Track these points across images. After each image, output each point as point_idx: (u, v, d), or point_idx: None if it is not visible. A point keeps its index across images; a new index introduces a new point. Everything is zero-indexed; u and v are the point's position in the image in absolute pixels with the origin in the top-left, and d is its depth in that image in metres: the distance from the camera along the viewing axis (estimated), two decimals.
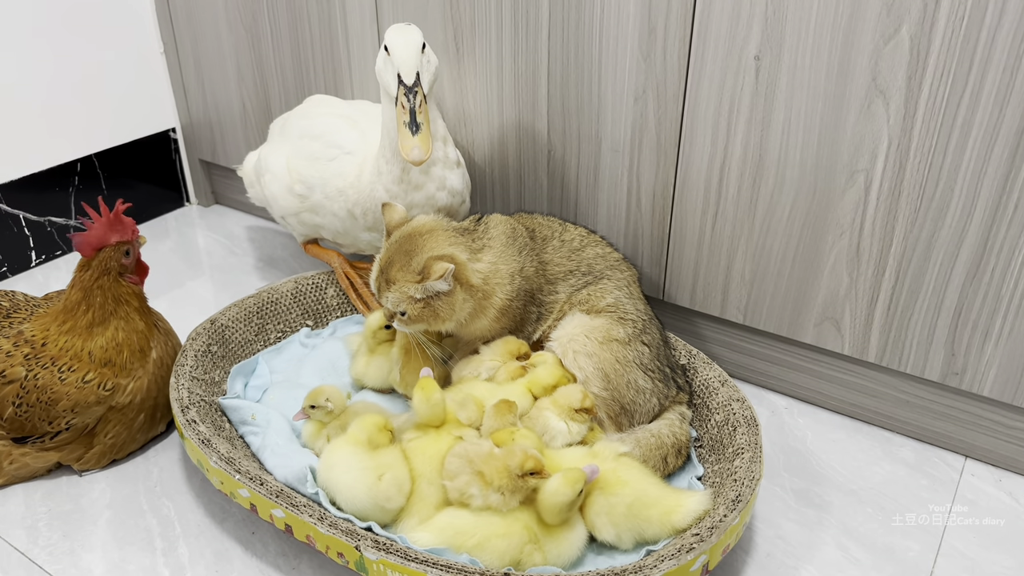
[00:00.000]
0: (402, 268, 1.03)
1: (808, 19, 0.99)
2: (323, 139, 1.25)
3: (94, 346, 1.06)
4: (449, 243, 1.05)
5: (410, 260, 1.03)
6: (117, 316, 1.07)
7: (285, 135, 1.33)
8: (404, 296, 1.02)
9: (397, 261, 1.04)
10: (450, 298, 1.03)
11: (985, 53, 0.91)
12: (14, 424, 1.04)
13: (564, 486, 0.88)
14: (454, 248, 1.05)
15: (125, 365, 1.07)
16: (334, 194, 1.23)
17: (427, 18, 1.29)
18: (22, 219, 1.56)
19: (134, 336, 1.08)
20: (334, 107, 1.32)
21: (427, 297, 1.02)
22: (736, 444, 1.01)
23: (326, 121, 1.27)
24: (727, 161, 1.12)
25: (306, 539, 0.91)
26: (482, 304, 1.07)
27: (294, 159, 1.27)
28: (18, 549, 0.99)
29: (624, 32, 1.12)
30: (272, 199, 1.33)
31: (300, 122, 1.31)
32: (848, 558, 0.99)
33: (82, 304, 1.06)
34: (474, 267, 1.05)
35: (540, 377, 1.05)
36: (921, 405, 1.15)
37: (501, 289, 1.07)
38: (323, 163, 1.24)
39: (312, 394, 1.05)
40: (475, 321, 1.08)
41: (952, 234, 1.01)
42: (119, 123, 1.67)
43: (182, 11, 1.61)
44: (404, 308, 1.03)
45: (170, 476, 1.10)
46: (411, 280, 1.02)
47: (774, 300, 1.17)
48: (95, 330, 1.06)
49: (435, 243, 1.05)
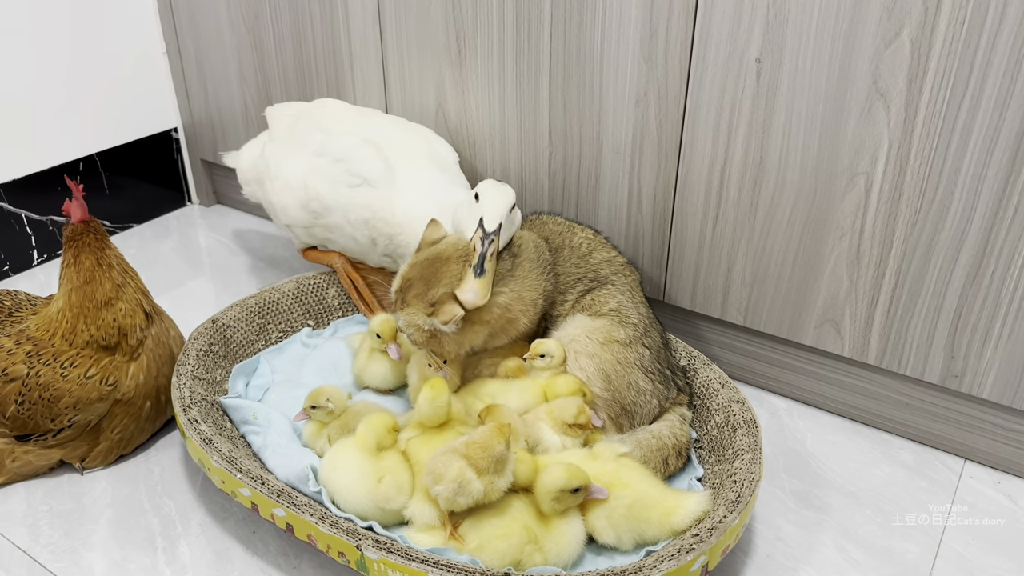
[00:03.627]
0: (418, 296, 1.02)
1: (809, 22, 0.99)
2: (345, 164, 1.23)
3: (117, 310, 1.07)
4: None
5: (427, 289, 1.02)
6: (129, 275, 1.09)
7: (297, 143, 1.30)
8: (413, 323, 1.02)
9: (415, 286, 1.03)
10: (459, 336, 1.02)
11: (986, 57, 0.91)
12: (16, 422, 1.04)
13: (562, 472, 0.89)
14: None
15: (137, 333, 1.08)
16: (357, 222, 1.23)
17: (429, 19, 1.29)
18: (24, 218, 1.56)
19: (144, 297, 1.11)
20: (352, 122, 1.30)
21: (434, 330, 1.02)
22: (736, 445, 1.01)
23: (349, 144, 1.24)
24: (728, 163, 1.12)
25: (307, 538, 0.92)
26: (505, 328, 1.07)
27: (312, 177, 1.25)
28: (20, 547, 0.99)
29: (626, 34, 1.12)
30: (280, 208, 1.31)
31: (316, 136, 1.27)
32: (847, 560, 0.99)
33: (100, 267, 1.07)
34: (494, 300, 1.04)
35: (558, 387, 1.05)
36: (921, 407, 1.15)
37: (525, 315, 1.07)
38: (345, 188, 1.23)
39: (313, 394, 1.05)
40: (494, 341, 1.08)
41: (952, 237, 1.01)
42: (121, 123, 1.67)
43: (184, 11, 1.61)
44: (411, 333, 1.03)
45: (171, 475, 1.10)
46: (423, 310, 1.01)
47: (774, 302, 1.17)
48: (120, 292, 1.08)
49: (454, 276, 1.03)
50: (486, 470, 0.89)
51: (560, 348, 1.07)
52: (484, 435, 0.91)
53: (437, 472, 0.89)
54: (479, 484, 0.88)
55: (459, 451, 0.90)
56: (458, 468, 0.88)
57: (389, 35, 1.36)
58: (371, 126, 1.29)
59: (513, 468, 0.92)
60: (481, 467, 0.89)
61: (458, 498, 0.88)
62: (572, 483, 0.89)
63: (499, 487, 0.90)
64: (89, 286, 1.06)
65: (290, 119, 1.33)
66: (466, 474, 0.88)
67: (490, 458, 0.89)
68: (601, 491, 0.92)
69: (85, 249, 1.07)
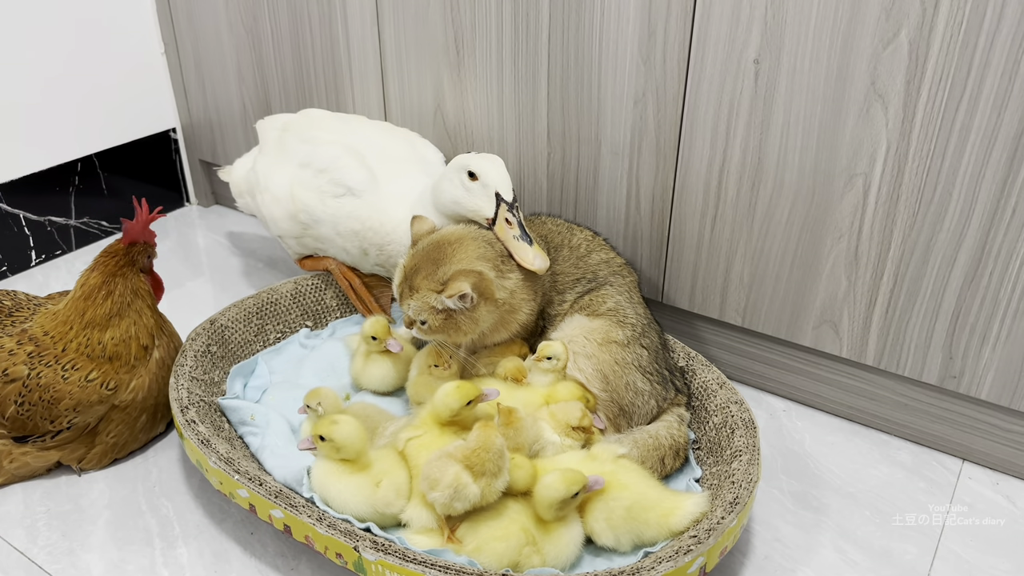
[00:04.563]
0: (427, 277, 1.02)
1: (807, 23, 0.99)
2: (329, 174, 1.24)
3: (106, 337, 1.06)
4: (477, 256, 1.04)
5: (436, 269, 1.02)
6: (132, 309, 1.08)
7: (284, 155, 1.30)
8: (426, 306, 1.01)
9: (423, 269, 1.03)
10: (473, 313, 1.02)
11: (984, 57, 0.91)
12: (15, 423, 1.04)
13: (560, 483, 0.89)
14: (481, 262, 1.04)
15: (131, 361, 1.07)
16: (347, 234, 1.24)
17: (427, 20, 1.29)
18: (22, 218, 1.56)
19: (144, 331, 1.09)
20: (335, 131, 1.30)
21: (449, 310, 1.01)
22: (734, 446, 1.01)
23: (332, 154, 1.25)
24: (726, 164, 1.12)
25: (305, 540, 0.92)
26: (506, 319, 1.07)
27: (298, 188, 1.27)
28: (17, 548, 0.99)
29: (624, 35, 1.12)
30: (271, 220, 1.32)
31: (301, 147, 1.28)
32: (845, 560, 0.99)
33: (102, 290, 1.07)
34: (501, 283, 1.04)
35: (560, 394, 1.05)
36: (919, 408, 1.15)
37: (527, 304, 1.07)
38: (331, 199, 1.24)
39: (310, 394, 1.06)
40: (495, 334, 1.08)
41: (950, 238, 1.01)
42: (119, 123, 1.67)
43: (183, 11, 1.61)
44: (425, 318, 1.02)
45: (169, 476, 1.10)
46: (435, 290, 1.01)
47: (772, 303, 1.17)
48: (111, 320, 1.07)
49: (464, 255, 1.03)
50: (487, 472, 0.89)
51: (566, 351, 1.07)
52: (480, 437, 0.90)
53: (432, 477, 0.89)
54: (475, 488, 0.88)
55: (454, 456, 0.90)
56: (453, 473, 0.88)
57: (387, 37, 1.36)
58: (355, 133, 1.30)
59: (509, 469, 0.91)
60: (483, 470, 0.89)
61: (455, 503, 0.88)
62: (572, 490, 0.89)
63: (496, 488, 0.90)
64: (85, 303, 1.06)
65: (277, 132, 1.34)
66: (462, 479, 0.88)
67: (495, 456, 0.89)
68: (598, 481, 0.92)
69: (101, 268, 1.07)
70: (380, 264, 1.27)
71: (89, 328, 1.06)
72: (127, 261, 1.09)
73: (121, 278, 1.08)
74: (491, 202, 1.09)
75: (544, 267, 1.05)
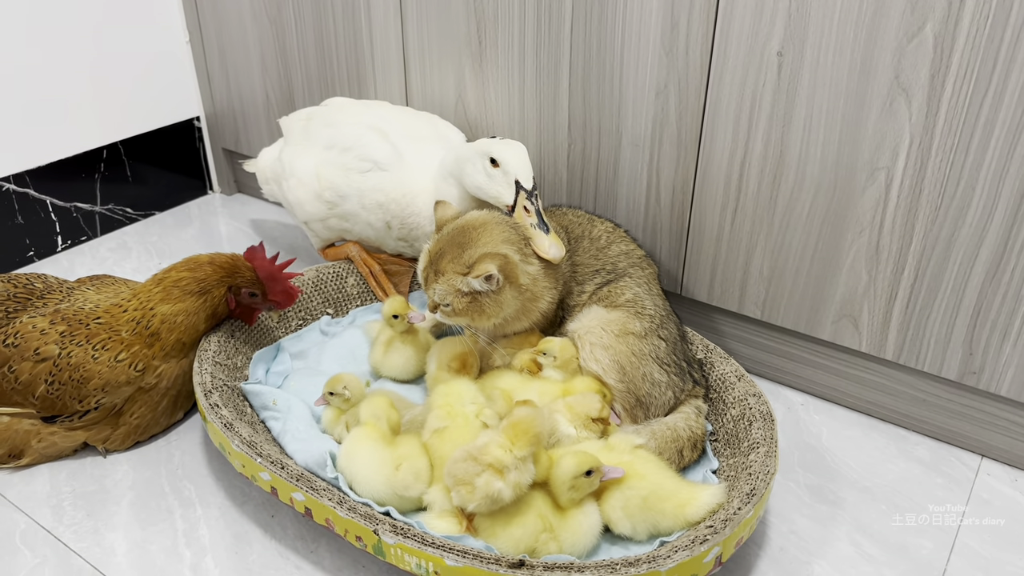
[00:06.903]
0: (453, 260, 1.03)
1: (831, 16, 0.99)
2: (355, 151, 1.27)
3: (162, 309, 1.09)
4: (503, 240, 1.05)
5: (462, 253, 1.03)
6: (197, 302, 1.11)
7: (309, 141, 1.33)
8: (452, 289, 1.03)
9: (448, 253, 1.04)
10: (498, 296, 1.03)
11: (1010, 52, 0.91)
12: (45, 402, 1.06)
13: (571, 459, 0.90)
14: (507, 245, 1.05)
15: (167, 347, 1.09)
16: (372, 207, 1.27)
17: (450, 10, 1.30)
18: (49, 205, 1.58)
19: (190, 330, 1.11)
20: (358, 114, 1.33)
21: (475, 292, 1.02)
22: (751, 439, 1.01)
23: (356, 132, 1.28)
24: (747, 157, 1.12)
25: (325, 523, 0.93)
26: (527, 307, 1.08)
27: (324, 167, 1.29)
28: (44, 527, 1.01)
29: (647, 26, 1.12)
30: (297, 204, 1.34)
31: (325, 131, 1.31)
32: (861, 554, 0.99)
33: (196, 271, 1.11)
34: (524, 268, 1.05)
35: (577, 387, 1.05)
36: (938, 404, 1.15)
37: (548, 293, 1.08)
38: (356, 175, 1.26)
39: (331, 381, 1.07)
40: (516, 322, 1.09)
41: (972, 233, 1.01)
42: (144, 111, 1.69)
43: (207, 1, 1.62)
44: (450, 301, 1.03)
45: (192, 459, 1.12)
46: (461, 273, 1.02)
47: (792, 296, 1.17)
48: (174, 295, 1.10)
49: (489, 238, 1.04)
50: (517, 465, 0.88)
51: (565, 350, 1.08)
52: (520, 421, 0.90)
53: (458, 477, 0.89)
54: (508, 492, 0.88)
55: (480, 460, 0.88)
56: (485, 481, 0.88)
57: (410, 26, 1.37)
58: (377, 115, 1.32)
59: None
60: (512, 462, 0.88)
61: (491, 507, 0.89)
62: (583, 467, 0.90)
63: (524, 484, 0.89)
64: (163, 291, 1.10)
65: (302, 123, 1.37)
66: (493, 485, 0.87)
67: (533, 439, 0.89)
68: (616, 470, 0.92)
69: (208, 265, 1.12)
70: (402, 239, 1.29)
71: (156, 289, 1.09)
72: (228, 272, 1.12)
73: (216, 280, 1.11)
74: (511, 189, 1.10)
75: (559, 256, 1.06)
